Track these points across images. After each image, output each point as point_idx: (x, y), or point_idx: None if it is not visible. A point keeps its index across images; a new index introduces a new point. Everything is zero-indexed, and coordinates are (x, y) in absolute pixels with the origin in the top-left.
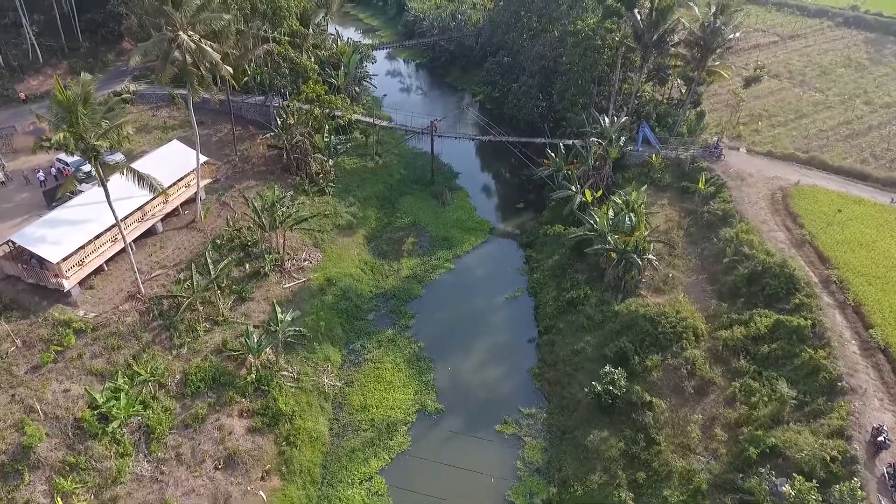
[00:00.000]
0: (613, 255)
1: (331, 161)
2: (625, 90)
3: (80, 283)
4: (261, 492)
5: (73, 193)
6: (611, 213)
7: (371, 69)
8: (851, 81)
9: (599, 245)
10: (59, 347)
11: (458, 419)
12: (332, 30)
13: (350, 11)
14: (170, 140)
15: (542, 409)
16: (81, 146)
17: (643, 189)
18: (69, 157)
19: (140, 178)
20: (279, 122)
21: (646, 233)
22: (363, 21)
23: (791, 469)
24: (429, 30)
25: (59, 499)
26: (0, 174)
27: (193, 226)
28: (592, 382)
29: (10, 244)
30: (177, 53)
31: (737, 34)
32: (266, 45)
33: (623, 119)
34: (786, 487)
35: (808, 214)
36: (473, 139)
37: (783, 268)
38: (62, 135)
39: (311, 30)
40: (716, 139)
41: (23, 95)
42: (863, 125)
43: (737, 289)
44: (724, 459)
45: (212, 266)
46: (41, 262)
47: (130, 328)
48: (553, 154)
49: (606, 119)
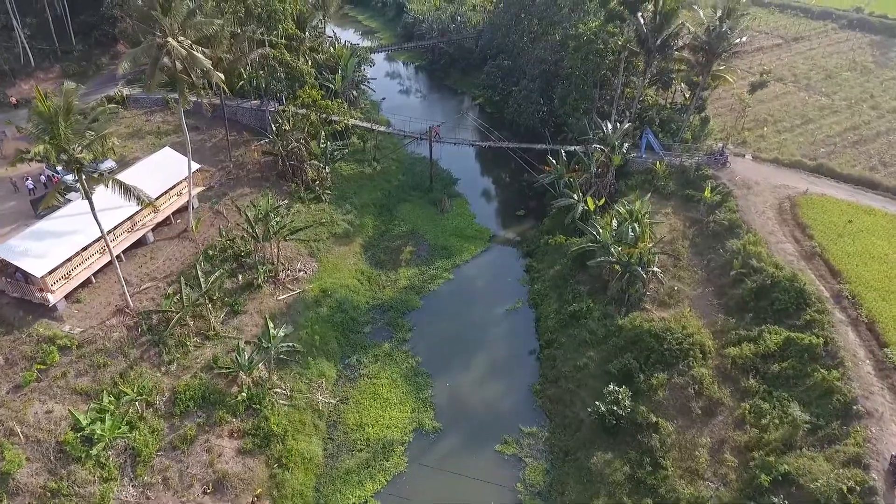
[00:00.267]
0: (617, 268)
1: (327, 168)
2: (627, 94)
3: (67, 297)
4: None
5: (61, 203)
6: (614, 224)
7: (369, 72)
8: (857, 85)
9: (602, 257)
10: (43, 366)
11: (457, 438)
12: (330, 32)
13: (349, 13)
14: (163, 146)
15: (544, 428)
16: (64, 158)
17: (647, 198)
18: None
19: (127, 191)
20: (274, 128)
21: (650, 244)
22: (362, 23)
23: (805, 499)
24: (428, 32)
25: None
26: None
27: (185, 235)
28: (596, 402)
29: None
30: (166, 60)
31: (743, 38)
32: (261, 49)
33: (626, 125)
34: None
35: (818, 225)
36: (473, 145)
37: (793, 282)
38: (42, 147)
39: (308, 33)
40: (721, 145)
41: (14, 100)
42: (870, 131)
43: (745, 303)
44: (735, 486)
45: (202, 279)
46: (26, 276)
47: (117, 344)
48: (554, 161)
49: (609, 125)
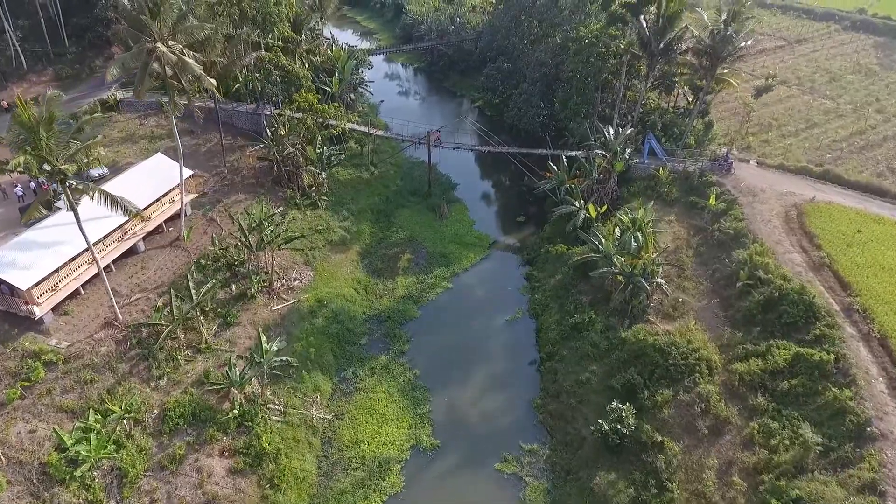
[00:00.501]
0: (620, 279)
1: (324, 173)
2: (629, 98)
3: (54, 309)
4: None
5: (45, 215)
6: (616, 232)
7: (368, 74)
8: (862, 88)
9: (605, 268)
10: (27, 383)
11: (455, 456)
12: (328, 33)
13: (347, 14)
14: (157, 150)
15: (545, 446)
16: (47, 169)
17: (650, 206)
18: None
19: (114, 202)
20: (270, 133)
21: (654, 255)
22: (360, 23)
23: None
24: (427, 33)
25: None
26: None
27: (178, 244)
28: (599, 420)
29: None
30: (156, 65)
31: (748, 42)
32: (256, 53)
33: (629, 130)
34: None
35: (826, 234)
36: (472, 150)
37: (802, 294)
38: (23, 158)
39: (304, 35)
40: (725, 151)
41: (5, 104)
42: (877, 136)
43: (752, 316)
44: None
45: (194, 290)
46: (11, 289)
47: (105, 359)
48: (555, 167)
49: (611, 129)
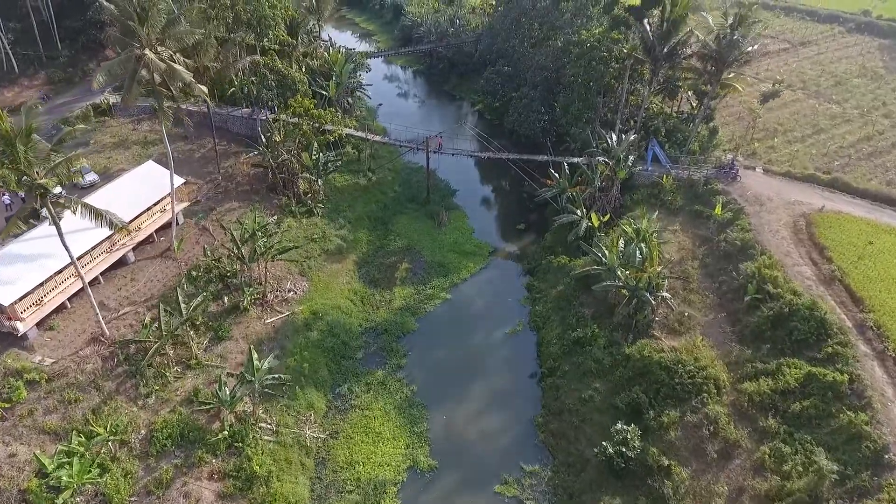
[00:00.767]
0: (624, 292)
1: (320, 180)
2: (632, 102)
3: (39, 324)
4: None
5: (23, 230)
6: (620, 244)
7: (366, 77)
8: (869, 92)
9: (609, 282)
10: (7, 404)
11: (454, 478)
12: (326, 35)
13: (345, 15)
14: (150, 156)
15: (546, 467)
16: (27, 183)
17: (654, 216)
18: None
19: (98, 216)
20: (264, 139)
21: (659, 267)
22: (359, 25)
23: None
24: (426, 35)
25: None
26: None
27: (169, 255)
28: (603, 443)
29: None
30: (144, 72)
31: (755, 46)
32: (251, 57)
33: (631, 136)
34: None
35: (836, 246)
36: (472, 156)
37: (813, 310)
38: (0, 172)
39: (300, 38)
40: (730, 158)
41: None
42: (885, 142)
43: (760, 332)
44: None
45: (183, 304)
46: None
47: (91, 377)
48: (557, 174)
49: (613, 136)
